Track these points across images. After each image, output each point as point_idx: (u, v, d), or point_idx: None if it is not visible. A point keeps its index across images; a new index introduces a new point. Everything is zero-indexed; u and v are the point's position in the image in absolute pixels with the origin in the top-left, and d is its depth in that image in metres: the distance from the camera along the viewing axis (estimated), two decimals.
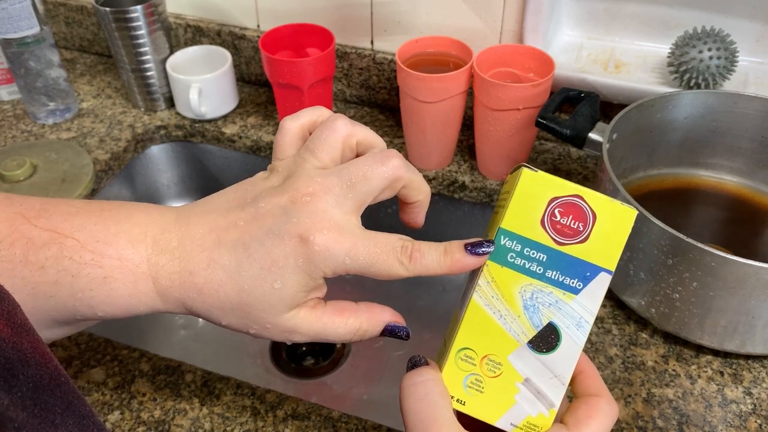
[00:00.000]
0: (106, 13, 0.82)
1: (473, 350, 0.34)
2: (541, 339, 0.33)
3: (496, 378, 0.34)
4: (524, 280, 0.33)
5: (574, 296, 0.32)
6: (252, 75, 0.97)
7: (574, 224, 0.32)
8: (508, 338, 0.33)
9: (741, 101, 0.67)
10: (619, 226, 0.32)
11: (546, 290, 0.33)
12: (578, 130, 0.66)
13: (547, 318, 0.33)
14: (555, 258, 0.32)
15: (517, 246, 0.33)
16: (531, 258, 0.32)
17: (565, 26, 0.82)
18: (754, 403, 0.56)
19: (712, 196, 0.72)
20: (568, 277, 0.32)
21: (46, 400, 0.25)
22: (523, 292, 0.33)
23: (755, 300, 0.53)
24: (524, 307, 0.33)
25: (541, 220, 0.32)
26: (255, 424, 0.55)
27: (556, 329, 0.33)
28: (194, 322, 0.87)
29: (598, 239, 0.32)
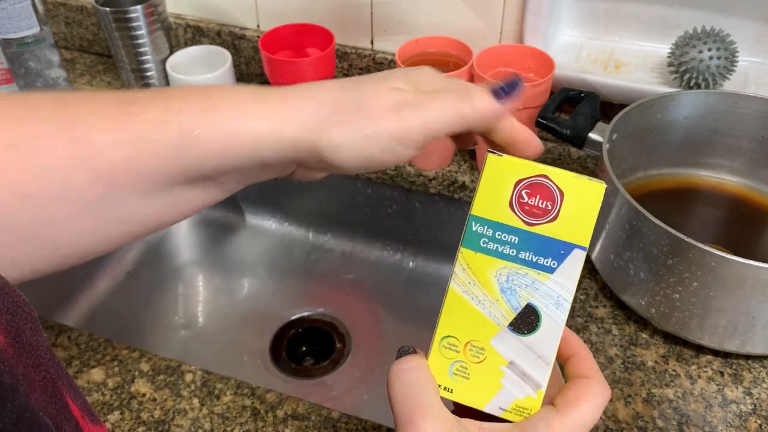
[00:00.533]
0: (106, 13, 0.82)
1: (455, 337, 0.34)
2: (521, 321, 0.33)
3: (481, 363, 0.34)
4: (498, 263, 0.33)
5: (550, 275, 0.32)
6: (252, 75, 0.97)
7: (542, 204, 0.32)
8: (488, 323, 0.33)
9: (741, 101, 0.67)
10: (589, 201, 0.32)
11: (521, 272, 0.33)
12: (578, 130, 0.66)
13: (525, 299, 0.33)
14: (526, 239, 0.32)
15: (488, 231, 0.33)
16: (503, 241, 0.33)
17: (565, 26, 0.82)
18: (754, 403, 0.56)
19: (712, 196, 0.72)
20: (541, 257, 0.32)
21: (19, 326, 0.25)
22: (499, 276, 0.33)
23: (755, 300, 0.53)
24: (501, 290, 0.33)
25: (510, 203, 0.32)
26: (255, 424, 0.55)
27: (536, 310, 0.33)
28: (194, 322, 0.87)
29: (568, 217, 0.32)
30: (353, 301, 0.89)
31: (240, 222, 0.98)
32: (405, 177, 0.83)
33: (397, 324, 0.86)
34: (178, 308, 0.88)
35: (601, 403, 0.33)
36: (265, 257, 0.95)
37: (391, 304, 0.88)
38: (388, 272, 0.91)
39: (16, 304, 0.27)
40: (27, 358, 0.26)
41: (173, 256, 0.94)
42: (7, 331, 0.25)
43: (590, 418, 0.32)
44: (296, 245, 0.95)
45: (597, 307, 0.64)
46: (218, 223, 0.97)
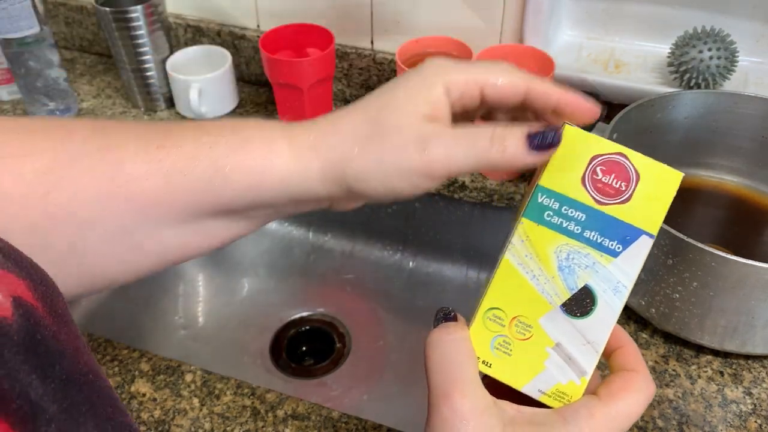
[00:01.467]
0: (106, 13, 0.82)
1: (503, 310, 0.32)
2: (576, 302, 0.31)
3: (526, 341, 0.32)
4: (561, 239, 0.31)
5: (613, 259, 0.31)
6: (252, 75, 0.97)
7: (617, 183, 0.31)
8: (540, 300, 0.31)
9: (741, 101, 0.67)
10: (663, 188, 0.31)
11: (583, 251, 0.31)
12: None
13: (582, 280, 0.31)
14: (594, 218, 0.31)
15: (555, 204, 0.31)
16: (569, 217, 0.31)
17: (565, 26, 0.82)
18: (754, 403, 0.56)
19: (712, 196, 0.72)
20: (607, 238, 0.31)
21: (74, 395, 0.25)
22: (559, 252, 0.31)
23: (755, 300, 0.53)
24: (559, 268, 0.31)
25: (582, 178, 0.31)
26: (255, 424, 0.55)
27: (592, 293, 0.31)
28: (194, 322, 0.87)
29: (641, 200, 0.31)
30: (353, 301, 0.89)
31: None
32: None
33: (397, 324, 0.86)
34: (178, 308, 0.88)
35: (645, 398, 0.32)
36: (265, 257, 0.95)
37: (391, 304, 0.88)
38: (388, 272, 0.91)
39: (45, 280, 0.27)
40: (64, 328, 0.26)
41: None
42: (44, 302, 0.26)
43: (634, 411, 0.31)
44: (296, 245, 0.95)
45: None
46: None
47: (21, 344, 0.23)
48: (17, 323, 0.23)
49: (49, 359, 0.24)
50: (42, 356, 0.24)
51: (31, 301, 0.25)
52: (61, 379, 0.24)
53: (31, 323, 0.24)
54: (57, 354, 0.25)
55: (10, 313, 0.23)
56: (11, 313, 0.23)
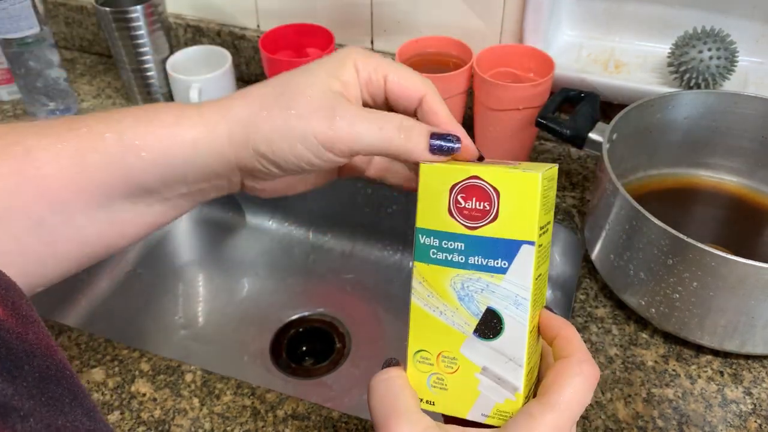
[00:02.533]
0: (106, 13, 0.82)
1: (427, 351, 0.34)
2: (485, 326, 0.33)
3: (455, 373, 0.34)
4: (451, 272, 0.32)
5: (503, 276, 0.32)
6: (252, 75, 0.97)
7: (480, 205, 0.32)
8: (454, 332, 0.33)
9: (741, 101, 0.67)
10: (526, 194, 0.31)
11: (474, 277, 0.32)
12: (578, 130, 0.66)
13: (483, 304, 0.32)
14: (472, 244, 0.32)
15: (435, 241, 0.33)
16: (450, 249, 0.32)
17: (565, 26, 0.82)
18: (754, 403, 0.56)
19: (712, 196, 0.72)
20: (491, 259, 0.32)
21: (53, 389, 0.25)
22: (454, 284, 0.33)
23: (755, 300, 0.53)
24: (459, 298, 0.33)
25: (449, 210, 0.32)
26: (255, 424, 0.55)
27: (496, 313, 0.32)
28: (194, 322, 0.87)
29: (509, 214, 0.31)
30: (353, 301, 0.89)
31: (240, 222, 0.98)
32: None
33: (397, 324, 0.86)
34: (178, 308, 0.88)
35: (584, 380, 0.31)
36: (265, 257, 0.95)
37: (391, 304, 0.88)
38: (388, 272, 0.91)
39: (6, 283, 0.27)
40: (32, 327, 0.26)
41: (173, 256, 0.94)
42: (4, 305, 0.25)
43: (575, 397, 0.31)
44: (296, 245, 0.95)
45: (597, 307, 0.64)
46: (218, 223, 0.97)
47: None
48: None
49: (16, 359, 0.24)
50: (6, 358, 0.24)
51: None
52: (33, 377, 0.24)
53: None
54: (25, 354, 0.25)
55: None
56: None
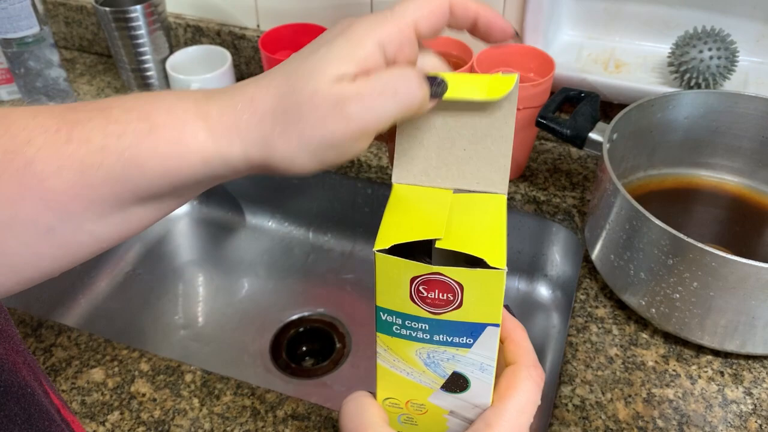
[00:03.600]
0: (106, 13, 0.82)
1: (395, 399, 0.35)
2: (452, 383, 0.33)
3: (424, 414, 0.35)
4: (416, 345, 0.32)
5: (468, 349, 0.32)
6: (252, 75, 0.97)
7: (443, 296, 0.31)
8: (421, 387, 0.34)
9: (741, 101, 0.67)
10: (491, 287, 0.30)
11: (440, 350, 0.32)
12: (578, 130, 0.65)
13: (450, 369, 0.33)
14: (436, 325, 0.31)
15: (397, 320, 0.32)
16: (414, 328, 0.32)
17: (565, 26, 0.82)
18: (754, 403, 0.56)
19: (712, 196, 0.72)
20: (456, 336, 0.32)
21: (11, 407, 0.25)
22: (420, 354, 0.32)
23: (755, 300, 0.52)
24: (425, 364, 0.33)
25: (410, 297, 0.31)
26: (255, 424, 0.55)
27: (462, 375, 0.33)
28: (194, 322, 0.87)
29: (473, 303, 0.31)
30: (353, 301, 0.89)
31: (240, 222, 0.98)
32: None
33: None
34: (178, 308, 0.88)
35: (533, 384, 0.33)
36: (265, 257, 0.95)
37: None
38: None
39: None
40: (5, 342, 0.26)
41: (173, 256, 0.94)
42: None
43: (527, 400, 0.33)
44: (296, 245, 0.95)
45: (597, 307, 0.64)
46: (218, 223, 0.97)
47: None
48: None
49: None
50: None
51: None
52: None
53: None
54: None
55: None
56: None
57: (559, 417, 0.55)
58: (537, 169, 0.81)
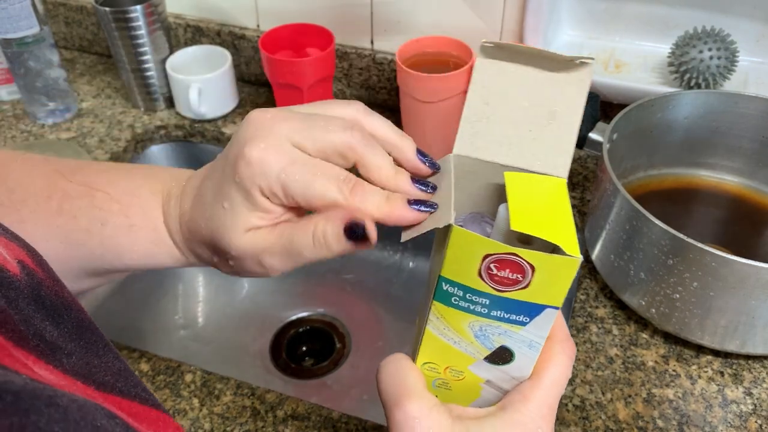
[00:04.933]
0: (106, 13, 0.82)
1: (435, 364, 0.35)
2: (496, 356, 0.34)
3: (461, 381, 0.35)
4: (471, 317, 0.33)
5: (522, 327, 0.32)
6: (252, 75, 0.97)
7: (512, 275, 0.31)
8: (465, 356, 0.34)
9: (741, 101, 0.67)
10: (562, 273, 0.30)
11: (494, 324, 0.33)
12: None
13: (498, 343, 0.33)
14: (498, 301, 0.32)
15: (459, 291, 0.32)
16: (474, 302, 0.32)
17: (565, 26, 0.82)
18: (754, 403, 0.56)
19: (712, 196, 0.72)
20: (513, 314, 0.32)
21: (88, 336, 0.28)
22: (472, 326, 0.33)
23: (755, 300, 0.52)
24: (475, 336, 0.33)
25: (478, 272, 0.31)
26: (255, 424, 0.55)
27: (509, 349, 0.33)
28: (194, 322, 0.87)
29: (540, 285, 0.31)
30: (353, 301, 0.89)
31: None
32: None
33: (397, 324, 0.86)
34: (178, 308, 0.88)
35: (567, 359, 0.34)
36: None
37: (391, 304, 0.88)
38: (388, 272, 0.91)
39: (39, 254, 0.30)
40: (63, 288, 0.29)
41: None
42: (42, 268, 0.29)
43: (561, 375, 0.34)
44: None
45: (597, 307, 0.64)
46: None
47: (30, 297, 0.26)
48: (24, 281, 0.27)
49: (57, 310, 0.27)
50: (50, 308, 0.27)
51: (32, 266, 0.28)
52: (73, 324, 0.28)
53: (35, 282, 0.27)
54: (63, 306, 0.28)
55: (18, 272, 0.27)
56: (19, 272, 0.27)
57: (559, 417, 0.55)
58: None
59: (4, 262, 0.27)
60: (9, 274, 0.26)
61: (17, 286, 0.26)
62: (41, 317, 0.26)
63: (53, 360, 0.24)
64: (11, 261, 0.27)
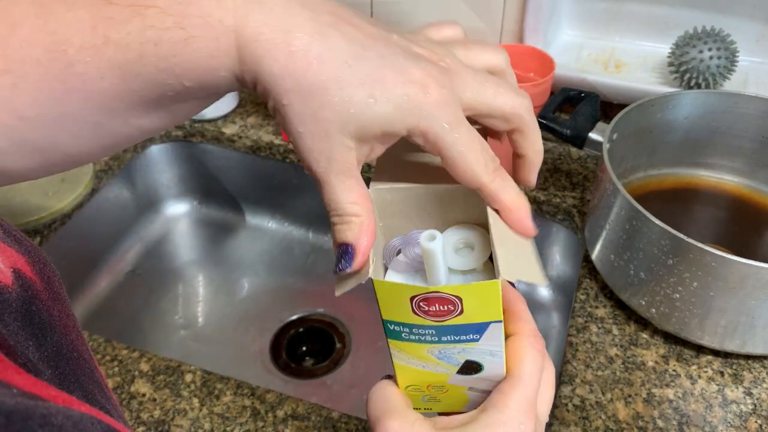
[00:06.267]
0: None
1: (416, 385, 0.36)
2: (466, 369, 0.35)
3: (446, 393, 0.37)
4: (426, 346, 0.34)
5: (476, 343, 0.34)
6: None
7: (443, 308, 0.32)
8: (438, 374, 0.36)
9: (741, 101, 0.67)
10: (487, 295, 0.32)
11: (449, 346, 0.34)
12: (578, 130, 0.66)
13: (462, 358, 0.34)
14: (442, 329, 0.33)
15: (404, 329, 0.34)
16: (422, 334, 0.33)
17: (565, 26, 0.82)
18: (754, 403, 0.56)
19: (712, 196, 0.72)
20: (462, 335, 0.33)
21: (63, 366, 0.26)
22: (432, 352, 0.34)
23: (755, 300, 0.53)
24: (438, 358, 0.34)
25: (412, 311, 0.32)
26: (255, 424, 0.55)
27: (474, 361, 0.35)
28: (194, 322, 0.87)
29: (473, 309, 0.32)
30: (353, 301, 0.89)
31: (240, 222, 0.98)
32: None
33: None
34: (178, 308, 0.88)
35: (538, 353, 0.35)
36: (265, 257, 0.95)
37: None
38: None
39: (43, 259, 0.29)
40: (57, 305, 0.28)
41: (173, 256, 0.94)
42: (41, 278, 0.27)
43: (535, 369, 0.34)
44: (296, 245, 0.95)
45: (597, 307, 0.64)
46: (218, 223, 0.97)
47: (19, 311, 0.25)
48: (16, 292, 0.25)
49: (42, 330, 0.26)
50: (36, 326, 0.25)
51: (30, 275, 0.27)
52: (53, 350, 0.26)
53: (29, 294, 0.26)
54: (49, 327, 0.26)
55: (11, 282, 0.25)
56: (11, 282, 0.25)
57: (559, 417, 0.55)
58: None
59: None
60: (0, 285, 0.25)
61: (6, 298, 0.25)
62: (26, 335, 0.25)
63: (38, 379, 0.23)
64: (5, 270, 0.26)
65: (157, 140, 0.92)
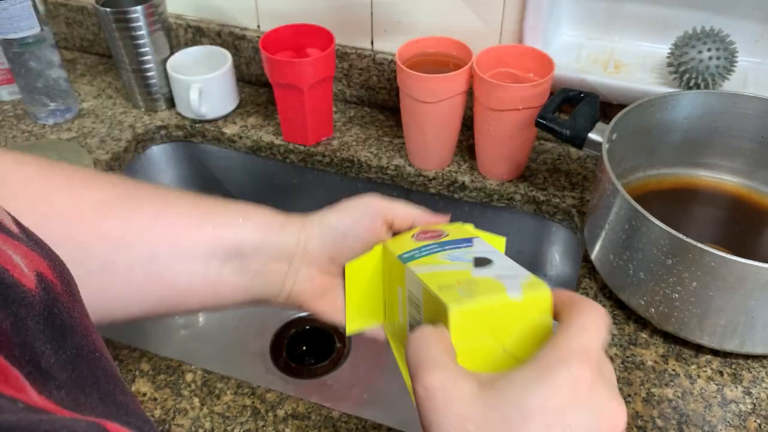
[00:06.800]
0: (107, 14, 0.82)
1: (444, 284, 0.37)
2: (479, 262, 0.39)
3: (477, 283, 0.37)
4: (437, 254, 0.42)
5: (472, 246, 0.42)
6: (252, 75, 0.97)
7: (434, 234, 0.46)
8: (461, 271, 0.39)
9: (740, 101, 0.67)
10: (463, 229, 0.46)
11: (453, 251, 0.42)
12: (578, 130, 0.66)
13: (470, 256, 0.41)
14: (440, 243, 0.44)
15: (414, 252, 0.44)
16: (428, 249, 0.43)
17: (565, 26, 0.82)
18: (753, 402, 0.56)
19: (712, 196, 0.72)
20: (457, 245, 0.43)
21: (81, 369, 0.27)
22: (444, 257, 0.41)
23: (755, 300, 0.53)
24: (451, 260, 0.41)
25: (415, 240, 0.46)
26: (255, 423, 0.55)
27: (482, 257, 0.40)
28: (194, 322, 0.87)
29: (454, 232, 0.45)
30: None
31: None
32: (405, 177, 0.83)
33: None
34: None
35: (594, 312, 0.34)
36: None
37: None
38: None
39: (61, 261, 0.30)
40: (77, 306, 0.29)
41: None
42: (61, 281, 0.28)
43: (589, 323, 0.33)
44: None
45: None
46: None
47: (41, 315, 0.25)
48: (39, 296, 0.26)
49: (63, 332, 0.27)
50: (57, 329, 0.26)
51: (52, 279, 0.28)
52: (71, 352, 0.27)
53: (51, 297, 0.27)
54: (69, 329, 0.27)
55: (34, 285, 0.26)
56: (35, 286, 0.26)
57: None
58: (536, 169, 0.81)
59: (21, 276, 0.26)
60: (24, 288, 0.25)
61: (30, 302, 0.25)
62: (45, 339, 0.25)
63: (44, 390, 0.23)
64: (28, 274, 0.26)
65: (158, 140, 0.92)
